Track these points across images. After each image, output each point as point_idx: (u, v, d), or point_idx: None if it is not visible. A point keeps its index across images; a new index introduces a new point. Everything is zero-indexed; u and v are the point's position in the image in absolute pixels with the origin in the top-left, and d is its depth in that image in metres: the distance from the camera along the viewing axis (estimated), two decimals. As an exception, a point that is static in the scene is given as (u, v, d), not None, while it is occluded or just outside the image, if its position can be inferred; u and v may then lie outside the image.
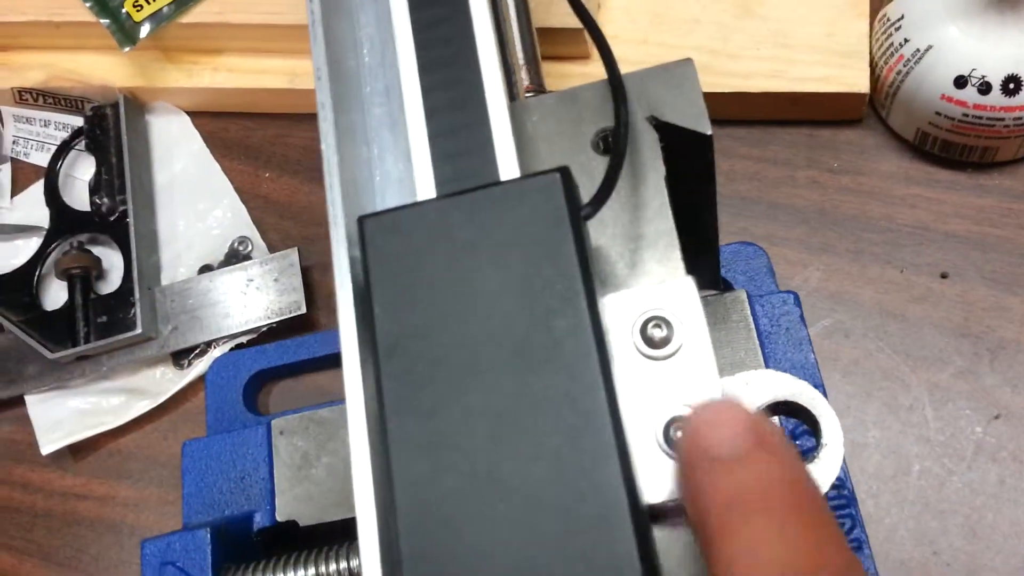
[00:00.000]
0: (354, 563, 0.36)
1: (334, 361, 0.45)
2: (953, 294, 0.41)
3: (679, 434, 0.22)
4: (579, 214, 0.22)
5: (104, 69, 0.50)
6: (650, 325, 0.23)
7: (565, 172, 0.23)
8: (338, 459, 0.40)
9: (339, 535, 0.38)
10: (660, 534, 0.22)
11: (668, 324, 0.23)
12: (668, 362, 0.23)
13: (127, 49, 0.48)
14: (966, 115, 0.39)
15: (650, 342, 0.23)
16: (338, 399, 0.41)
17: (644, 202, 0.26)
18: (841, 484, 0.33)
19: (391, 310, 0.22)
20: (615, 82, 0.26)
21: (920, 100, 0.40)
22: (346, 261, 0.25)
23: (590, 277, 0.22)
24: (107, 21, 0.48)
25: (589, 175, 0.27)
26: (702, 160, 0.28)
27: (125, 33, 0.48)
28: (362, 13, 0.30)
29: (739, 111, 0.45)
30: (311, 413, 0.41)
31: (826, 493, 0.26)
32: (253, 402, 0.45)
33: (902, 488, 0.39)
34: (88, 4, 0.48)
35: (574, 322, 0.21)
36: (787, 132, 0.46)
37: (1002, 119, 0.39)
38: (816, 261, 0.43)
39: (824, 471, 0.27)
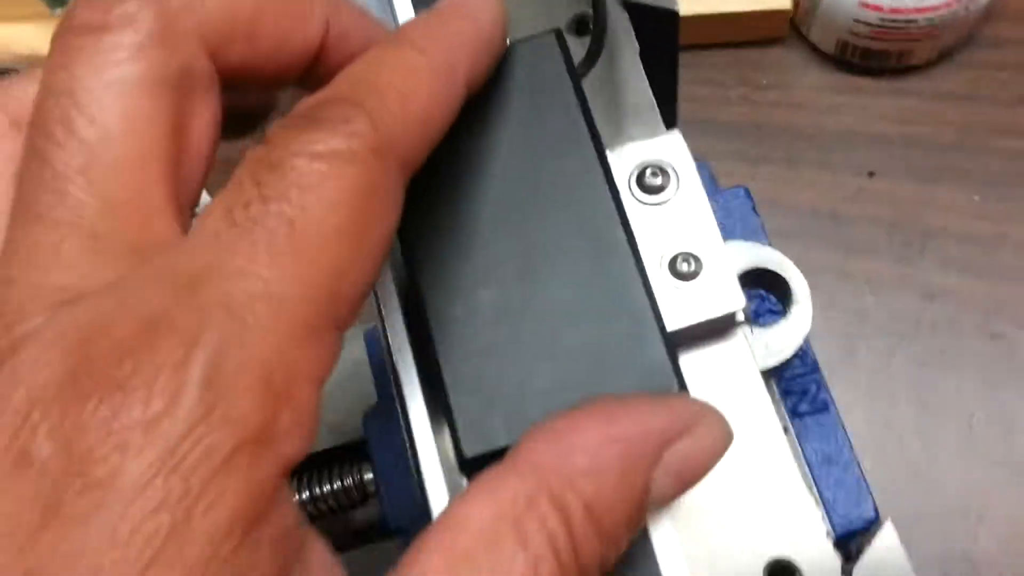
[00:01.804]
0: (367, 476, 0.36)
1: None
2: (881, 190, 0.44)
3: (684, 265, 0.23)
4: (576, 71, 0.24)
5: (32, 38, 0.49)
6: (647, 173, 0.24)
7: (559, 32, 0.24)
8: (337, 384, 0.40)
9: (321, 463, 0.39)
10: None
11: (663, 172, 0.24)
12: (665, 207, 0.24)
13: (57, 11, 0.47)
14: (882, 20, 0.42)
15: (647, 189, 0.24)
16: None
17: (623, 77, 0.28)
18: (805, 353, 0.35)
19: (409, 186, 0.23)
20: (587, -37, 0.27)
21: (840, 9, 0.43)
22: None
23: (594, 126, 0.23)
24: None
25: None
26: (669, 39, 0.29)
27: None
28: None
29: (671, 35, 0.47)
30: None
31: (795, 354, 0.29)
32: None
33: (851, 369, 0.41)
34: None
35: (585, 163, 0.22)
36: (716, 55, 0.48)
37: (915, 20, 0.42)
38: (754, 172, 0.45)
39: (797, 326, 0.29)
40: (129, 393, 0.14)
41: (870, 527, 0.33)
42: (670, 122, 0.35)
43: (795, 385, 0.35)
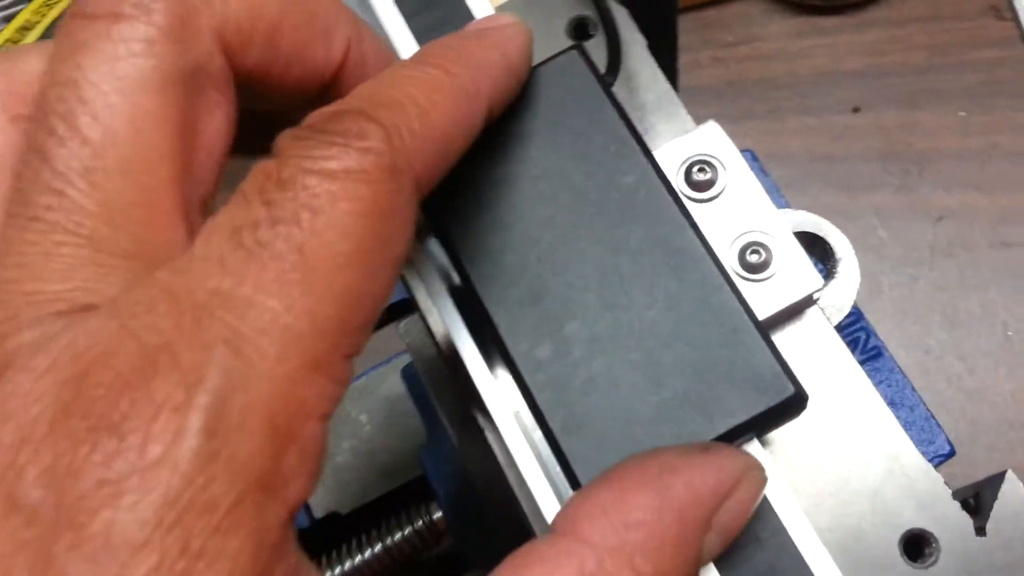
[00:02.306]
0: (436, 515, 0.36)
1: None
2: (868, 124, 0.45)
3: (753, 256, 0.23)
4: (605, 80, 0.23)
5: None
6: (695, 171, 0.24)
7: (580, 47, 0.23)
8: (359, 440, 0.40)
9: (383, 511, 0.38)
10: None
11: (709, 166, 0.24)
12: (720, 200, 0.24)
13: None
14: (840, -43, 0.43)
15: (697, 186, 0.24)
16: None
17: (635, 73, 0.27)
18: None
19: (461, 219, 0.22)
20: (578, -34, 0.27)
21: (795, -45, 0.43)
22: None
23: (638, 133, 0.22)
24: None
25: (576, 62, 0.27)
26: (668, 20, 0.29)
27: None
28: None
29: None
30: (314, 405, 0.40)
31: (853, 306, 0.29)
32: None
33: (880, 305, 0.42)
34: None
35: (639, 174, 0.22)
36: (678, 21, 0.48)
37: (873, -48, 0.42)
38: (740, 129, 0.45)
39: (846, 280, 0.29)
40: (125, 436, 0.13)
41: (948, 458, 0.34)
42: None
43: (845, 336, 0.35)
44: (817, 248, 0.31)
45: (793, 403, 0.20)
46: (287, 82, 0.19)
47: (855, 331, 0.35)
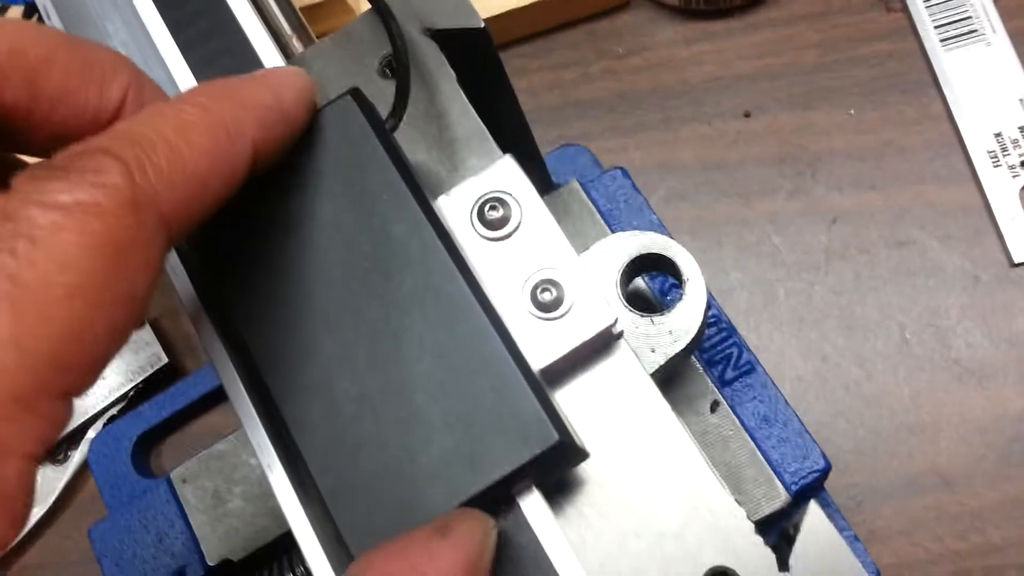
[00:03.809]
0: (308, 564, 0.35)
1: (215, 398, 0.44)
2: (761, 128, 0.44)
3: (545, 295, 0.22)
4: (383, 126, 0.23)
5: None
6: (487, 209, 0.23)
7: (355, 92, 0.23)
8: (249, 484, 0.39)
9: (276, 555, 0.38)
10: (558, 395, 0.23)
11: (502, 203, 0.23)
12: (514, 238, 0.23)
13: None
14: (716, -38, 0.42)
15: (490, 225, 0.23)
16: (231, 432, 0.40)
17: (445, 109, 0.27)
18: (717, 319, 0.35)
19: (233, 275, 0.22)
20: (379, 4, 0.26)
21: (672, -38, 0.43)
22: (181, 268, 0.24)
23: (412, 178, 0.22)
24: None
25: (384, 101, 0.27)
26: (488, 56, 0.28)
27: None
28: (108, 22, 0.29)
29: (519, 28, 0.46)
30: (207, 452, 0.40)
31: (699, 331, 0.28)
32: (146, 467, 0.43)
33: (776, 314, 0.41)
34: None
35: (411, 223, 0.21)
36: (568, 35, 0.47)
37: (747, -45, 0.42)
38: (633, 142, 0.45)
39: (692, 302, 0.28)
40: None
41: (825, 475, 0.33)
42: (524, 134, 0.34)
43: (717, 354, 0.35)
44: (670, 268, 0.30)
45: (561, 450, 0.20)
46: (52, 123, 0.19)
47: (727, 347, 0.34)
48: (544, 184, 0.39)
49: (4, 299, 0.15)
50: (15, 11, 0.49)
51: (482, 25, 0.27)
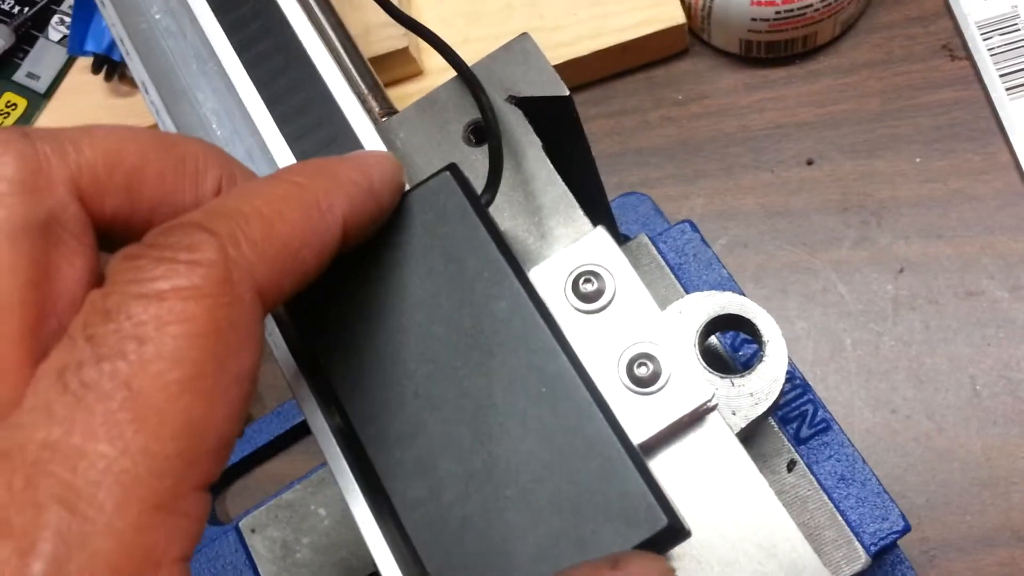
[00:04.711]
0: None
1: (281, 444, 0.44)
2: (824, 176, 0.44)
3: (642, 369, 0.23)
4: (480, 202, 0.23)
5: None
6: (581, 282, 0.24)
7: (454, 168, 0.23)
8: (318, 534, 0.39)
9: (345, 606, 0.38)
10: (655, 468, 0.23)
11: (596, 276, 0.24)
12: (608, 311, 0.23)
13: None
14: (778, 12, 0.42)
15: (585, 298, 0.24)
16: (295, 479, 0.41)
17: (531, 176, 0.27)
18: (791, 375, 0.34)
19: (336, 351, 0.22)
20: (466, 72, 0.27)
21: (733, 13, 0.43)
22: (276, 329, 0.24)
23: (511, 254, 0.22)
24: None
25: (471, 168, 0.27)
26: (569, 121, 0.28)
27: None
28: (198, 91, 0.29)
29: (577, 76, 0.46)
30: (275, 501, 0.40)
31: (783, 387, 0.28)
32: (213, 513, 0.44)
33: (843, 364, 0.41)
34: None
35: (512, 300, 0.21)
36: (626, 82, 0.47)
37: (811, 5, 0.42)
38: (694, 189, 0.45)
39: (773, 364, 0.28)
40: None
41: (903, 534, 0.33)
42: (598, 192, 0.34)
43: (791, 412, 0.35)
44: (746, 326, 0.30)
45: (668, 534, 0.20)
46: (152, 225, 0.19)
47: (802, 405, 0.34)
48: (613, 236, 0.39)
49: (126, 409, 0.15)
50: (83, 62, 0.50)
51: (567, 93, 0.27)
